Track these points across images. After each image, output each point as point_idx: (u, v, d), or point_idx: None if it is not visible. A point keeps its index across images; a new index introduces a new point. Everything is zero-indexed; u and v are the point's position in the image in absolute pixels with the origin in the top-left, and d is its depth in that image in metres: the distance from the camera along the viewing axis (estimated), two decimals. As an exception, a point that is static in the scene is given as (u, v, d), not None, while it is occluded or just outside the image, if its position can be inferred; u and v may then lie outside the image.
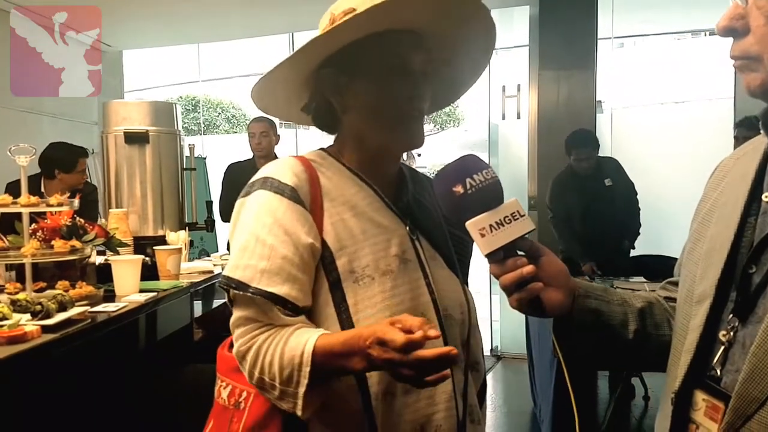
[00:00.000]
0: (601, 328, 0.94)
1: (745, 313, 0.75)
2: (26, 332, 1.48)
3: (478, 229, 0.88)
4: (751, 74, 0.73)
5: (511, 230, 0.88)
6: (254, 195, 1.01)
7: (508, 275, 0.88)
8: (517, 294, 0.88)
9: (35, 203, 1.95)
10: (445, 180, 0.92)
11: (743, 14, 0.73)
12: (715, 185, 0.89)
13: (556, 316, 0.93)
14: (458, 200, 0.89)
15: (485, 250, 0.88)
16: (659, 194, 4.53)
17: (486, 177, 0.90)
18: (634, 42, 9.15)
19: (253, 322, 0.97)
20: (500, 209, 0.89)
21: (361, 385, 0.97)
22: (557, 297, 0.91)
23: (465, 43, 1.10)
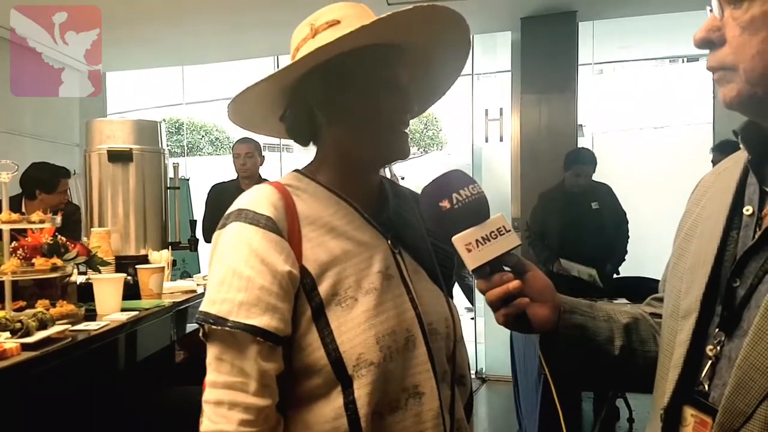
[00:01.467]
0: (587, 343, 0.94)
1: (731, 327, 0.76)
2: (5, 349, 1.45)
3: (464, 244, 0.88)
4: (727, 86, 0.75)
5: (497, 245, 0.88)
6: (229, 227, 0.99)
7: (494, 290, 0.88)
8: (504, 309, 0.88)
9: (16, 220, 1.92)
10: (431, 195, 0.92)
11: (719, 26, 0.74)
12: (696, 201, 0.90)
13: (542, 332, 0.93)
14: (444, 215, 0.89)
15: (471, 265, 0.88)
16: (639, 217, 4.58)
17: (472, 192, 0.90)
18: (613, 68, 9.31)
19: (226, 373, 0.94)
20: (486, 224, 0.89)
21: (349, 407, 0.96)
22: (543, 312, 0.92)
23: (443, 54, 1.11)
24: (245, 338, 0.93)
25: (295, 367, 0.97)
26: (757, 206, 0.78)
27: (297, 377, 0.98)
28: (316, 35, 1.03)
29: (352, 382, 0.96)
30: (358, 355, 0.96)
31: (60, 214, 2.11)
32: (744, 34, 0.71)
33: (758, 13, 0.70)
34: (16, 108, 5.06)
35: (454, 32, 1.07)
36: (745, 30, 0.71)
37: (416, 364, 1.01)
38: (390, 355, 0.97)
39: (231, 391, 0.93)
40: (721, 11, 0.74)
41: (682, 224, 0.91)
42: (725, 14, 0.73)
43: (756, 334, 0.70)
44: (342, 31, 1.00)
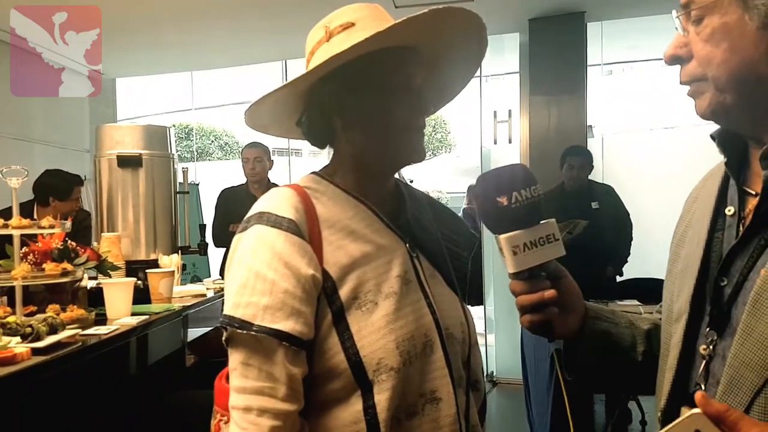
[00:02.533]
0: (611, 350, 0.95)
1: (721, 325, 0.78)
2: (16, 354, 1.45)
3: (512, 246, 0.86)
4: (700, 97, 0.79)
5: (544, 252, 0.87)
6: (251, 230, 0.98)
7: (529, 296, 0.88)
8: (532, 316, 0.88)
9: (27, 225, 1.93)
10: (490, 186, 0.89)
11: (686, 42, 0.80)
12: (688, 207, 0.93)
13: (563, 338, 0.94)
14: (499, 211, 0.87)
15: (515, 269, 0.87)
16: (650, 217, 4.55)
17: (533, 194, 0.88)
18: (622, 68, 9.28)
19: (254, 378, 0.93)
20: (537, 229, 0.87)
21: (368, 412, 0.95)
22: (569, 320, 0.93)
23: (458, 54, 1.11)
24: (271, 343, 0.92)
25: (316, 372, 0.97)
26: (738, 206, 0.81)
27: (317, 381, 0.97)
28: (330, 38, 1.03)
29: (372, 387, 0.95)
30: (378, 360, 0.95)
31: (70, 219, 2.12)
32: (707, 47, 0.76)
33: (717, 25, 0.75)
34: (26, 114, 5.10)
35: (470, 32, 1.07)
36: (708, 42, 0.76)
37: (434, 369, 1.01)
38: (409, 360, 0.97)
39: (260, 397, 0.92)
40: (685, 29, 0.79)
41: (676, 230, 0.93)
42: (690, 31, 0.79)
43: (744, 331, 0.72)
44: (356, 32, 1.00)
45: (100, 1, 4.20)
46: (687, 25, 0.79)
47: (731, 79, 0.75)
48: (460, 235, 1.20)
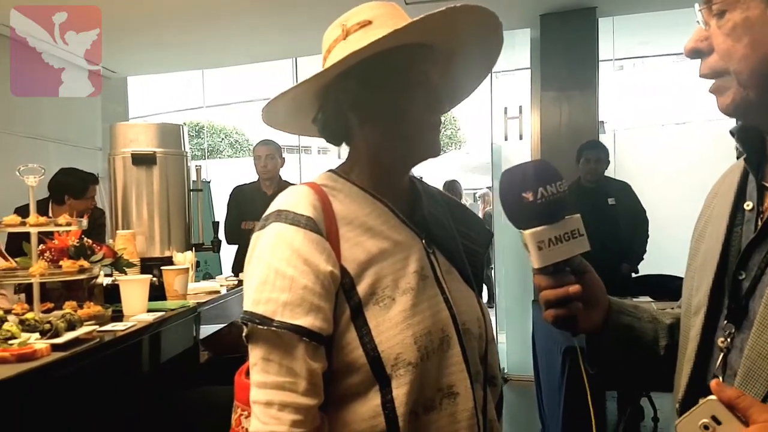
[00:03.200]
0: (635, 343, 0.96)
1: (739, 318, 0.79)
2: (36, 350, 1.47)
3: (537, 241, 0.87)
4: (723, 94, 0.79)
5: (569, 248, 0.88)
6: (269, 228, 1.00)
7: (554, 291, 0.88)
8: (557, 310, 0.89)
9: (44, 223, 1.95)
10: (515, 182, 0.90)
11: (707, 36, 0.80)
12: (708, 203, 0.94)
13: (586, 332, 0.95)
14: (524, 206, 0.88)
15: (540, 264, 0.87)
16: (661, 214, 4.53)
17: (558, 189, 0.88)
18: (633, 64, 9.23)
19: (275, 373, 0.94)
20: (562, 224, 0.88)
21: (387, 406, 0.96)
22: (593, 315, 0.93)
23: (474, 50, 1.11)
24: (291, 338, 0.93)
25: (335, 366, 0.98)
26: (757, 201, 0.82)
27: (335, 376, 0.98)
28: (347, 36, 1.04)
29: (390, 382, 0.96)
30: (396, 355, 0.96)
31: (86, 217, 2.14)
32: (728, 41, 0.77)
33: (739, 20, 0.75)
34: (39, 113, 5.13)
35: (486, 30, 1.07)
36: (729, 37, 0.77)
37: (451, 364, 1.01)
38: (426, 355, 0.98)
39: (281, 392, 0.93)
40: (707, 23, 0.80)
41: (696, 225, 0.94)
42: (711, 25, 0.79)
43: (761, 324, 0.74)
44: (374, 30, 1.01)
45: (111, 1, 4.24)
46: (709, 18, 0.79)
47: (753, 75, 0.76)
48: (475, 232, 1.21)
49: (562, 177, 0.90)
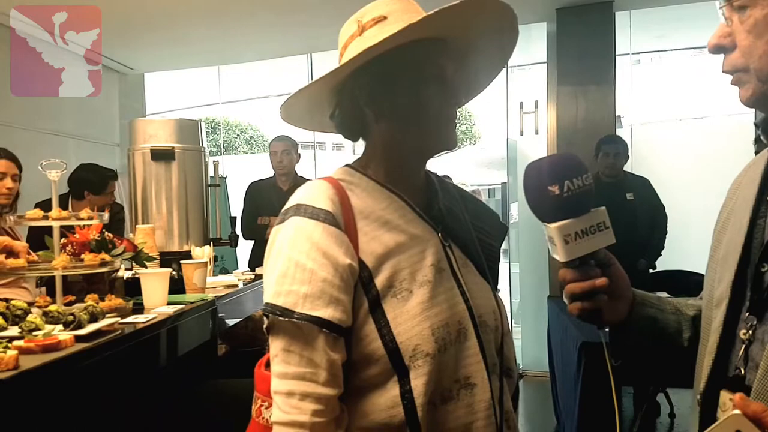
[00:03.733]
0: (658, 335, 0.97)
1: (761, 310, 0.79)
2: (60, 341, 1.50)
3: (563, 235, 0.87)
4: (743, 87, 0.80)
5: (595, 241, 0.88)
6: (289, 222, 1.01)
7: (580, 284, 0.89)
8: (582, 303, 0.90)
9: (66, 217, 1.98)
10: (541, 175, 0.89)
11: (730, 32, 0.80)
12: (731, 195, 0.93)
13: (612, 325, 0.95)
14: (550, 200, 0.88)
15: (566, 258, 0.87)
16: (679, 209, 4.51)
17: (585, 182, 0.88)
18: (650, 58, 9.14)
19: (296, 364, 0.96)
20: (588, 217, 0.88)
21: (405, 396, 0.97)
22: (617, 307, 0.94)
23: (490, 43, 1.12)
24: (311, 330, 0.95)
25: (354, 358, 0.99)
26: None
27: (355, 367, 1.00)
28: (363, 32, 1.05)
29: (408, 372, 0.97)
30: (414, 346, 0.97)
31: (107, 211, 2.17)
32: (750, 37, 0.77)
33: (760, 17, 0.76)
34: (59, 110, 5.20)
35: (501, 23, 1.08)
36: (751, 33, 0.77)
37: (468, 355, 1.03)
38: (444, 347, 0.99)
39: (302, 382, 0.95)
40: (729, 19, 0.80)
41: (719, 217, 0.94)
42: (733, 21, 0.79)
43: None
44: (389, 25, 1.02)
45: None
46: (731, 14, 0.79)
47: None
48: (490, 226, 1.22)
49: (588, 170, 0.89)
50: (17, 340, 1.49)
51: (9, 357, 1.31)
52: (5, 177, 2.83)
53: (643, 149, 5.20)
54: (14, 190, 2.88)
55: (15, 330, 1.62)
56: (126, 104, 6.20)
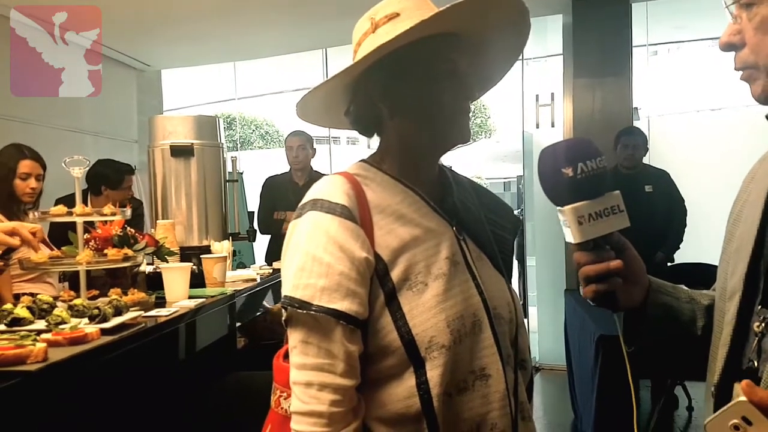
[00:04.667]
0: (672, 323, 0.97)
1: None
2: (87, 334, 1.53)
3: (577, 216, 0.87)
4: (754, 83, 0.81)
5: (609, 223, 0.88)
6: (306, 216, 1.03)
7: (594, 266, 0.89)
8: (597, 286, 0.90)
9: (89, 213, 2.02)
10: (556, 158, 0.90)
11: (739, 29, 0.81)
12: (744, 187, 0.94)
13: (626, 310, 0.96)
14: (564, 182, 0.88)
15: (579, 239, 0.88)
16: (696, 201, 4.47)
17: (598, 165, 0.89)
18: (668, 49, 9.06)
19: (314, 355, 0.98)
20: (603, 199, 0.88)
21: (422, 387, 0.99)
22: (632, 292, 0.94)
23: (502, 37, 1.13)
24: (329, 322, 0.97)
25: (370, 349, 1.01)
26: None
27: (371, 358, 1.02)
28: (376, 29, 1.06)
29: (424, 364, 0.99)
30: (430, 338, 0.99)
31: (129, 207, 2.20)
32: (758, 35, 0.78)
33: (766, 14, 0.77)
34: (77, 107, 5.26)
35: (513, 17, 1.09)
36: (759, 30, 0.78)
37: (483, 347, 1.04)
38: (459, 339, 1.01)
39: (320, 373, 0.97)
40: (738, 16, 0.81)
41: (732, 210, 0.94)
42: (742, 18, 0.80)
43: None
44: (401, 22, 1.03)
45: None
46: (740, 12, 0.80)
47: None
48: (504, 219, 1.23)
49: (602, 153, 0.90)
50: (45, 333, 1.53)
51: (38, 349, 1.34)
52: (29, 177, 2.88)
53: (660, 141, 5.16)
54: (38, 189, 2.93)
55: (42, 323, 1.66)
56: (143, 101, 6.25)
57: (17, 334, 1.42)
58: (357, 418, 1.00)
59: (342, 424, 0.97)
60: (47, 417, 1.36)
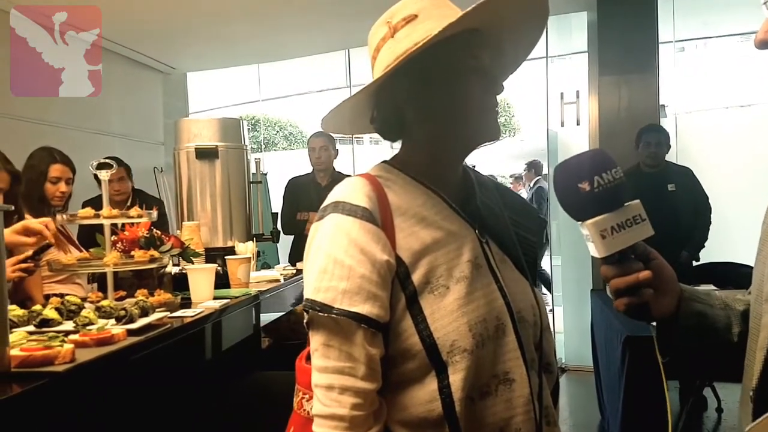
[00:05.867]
0: (706, 331, 0.95)
1: None
2: (113, 335, 1.55)
3: (599, 230, 0.86)
4: None
5: (633, 234, 0.87)
6: (327, 219, 1.02)
7: (622, 279, 0.88)
8: (628, 298, 0.88)
9: (116, 215, 2.05)
10: (570, 173, 0.89)
11: None
12: None
13: (659, 320, 0.94)
14: (582, 197, 0.87)
15: (605, 253, 0.87)
16: (725, 199, 4.39)
17: (615, 177, 0.87)
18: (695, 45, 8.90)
19: (335, 358, 0.97)
20: (623, 210, 0.87)
21: (444, 391, 0.98)
22: (664, 302, 0.92)
23: (521, 31, 1.11)
24: (350, 325, 0.96)
25: (391, 353, 1.00)
26: None
27: (393, 362, 1.01)
28: (394, 33, 1.05)
29: (446, 368, 0.98)
30: (452, 342, 0.98)
31: (155, 209, 2.23)
32: None
33: None
34: (105, 110, 5.35)
35: (533, 7, 1.07)
36: None
37: (506, 351, 1.02)
38: (482, 342, 0.99)
39: (341, 376, 0.97)
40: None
41: None
42: None
43: None
44: (420, 24, 1.02)
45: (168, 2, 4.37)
46: None
47: None
48: (528, 220, 1.21)
49: (617, 164, 0.89)
50: (72, 334, 1.55)
51: (66, 350, 1.37)
52: (59, 181, 2.93)
53: (688, 138, 5.08)
54: (67, 193, 2.98)
55: (70, 324, 1.69)
56: (169, 103, 6.33)
57: (45, 335, 1.45)
58: (378, 421, 0.99)
59: (363, 427, 0.97)
60: (75, 417, 1.39)
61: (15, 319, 1.68)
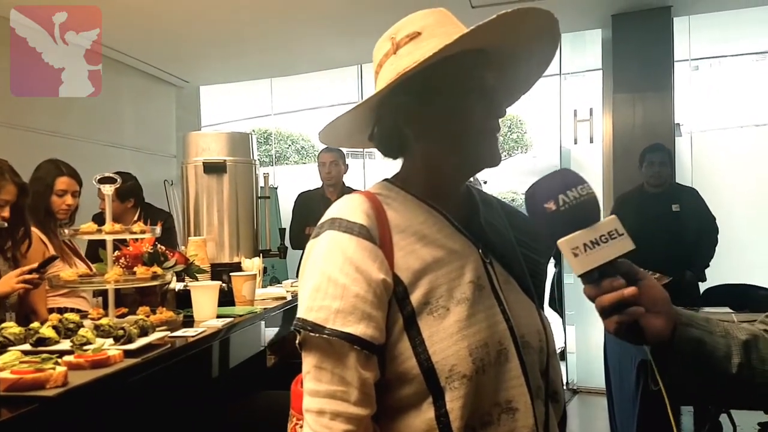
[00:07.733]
0: (703, 359, 0.89)
1: None
2: (109, 356, 1.52)
3: (570, 248, 0.84)
4: None
5: (608, 250, 0.84)
6: (323, 236, 0.99)
7: (606, 296, 0.84)
8: (617, 317, 0.84)
9: (119, 231, 2.02)
10: (537, 195, 0.88)
11: None
12: None
13: (655, 344, 0.88)
14: (550, 217, 0.86)
15: (578, 271, 0.84)
16: (740, 219, 4.32)
17: (581, 193, 0.85)
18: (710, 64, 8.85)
19: (327, 382, 0.93)
20: (596, 227, 0.84)
21: (441, 420, 0.93)
22: (658, 323, 0.87)
23: (529, 53, 1.07)
24: (343, 346, 0.92)
25: (387, 376, 0.96)
26: None
27: (389, 386, 0.96)
28: (397, 50, 1.02)
29: (443, 394, 0.93)
30: (450, 367, 0.93)
31: (160, 224, 2.20)
32: None
33: None
34: (118, 123, 5.36)
35: (542, 30, 1.03)
36: None
37: (509, 378, 0.97)
38: (482, 368, 0.95)
39: (333, 401, 0.92)
40: None
41: None
42: None
43: None
44: (423, 41, 0.99)
45: (185, 15, 4.38)
46: None
47: None
48: (536, 240, 1.16)
49: (585, 181, 0.87)
50: (68, 355, 1.51)
51: (58, 374, 1.33)
52: (66, 194, 2.91)
53: (703, 157, 5.01)
54: (73, 206, 2.96)
55: (66, 344, 1.65)
56: (182, 116, 6.35)
57: (39, 356, 1.41)
58: None
59: None
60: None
61: (11, 337, 1.65)
